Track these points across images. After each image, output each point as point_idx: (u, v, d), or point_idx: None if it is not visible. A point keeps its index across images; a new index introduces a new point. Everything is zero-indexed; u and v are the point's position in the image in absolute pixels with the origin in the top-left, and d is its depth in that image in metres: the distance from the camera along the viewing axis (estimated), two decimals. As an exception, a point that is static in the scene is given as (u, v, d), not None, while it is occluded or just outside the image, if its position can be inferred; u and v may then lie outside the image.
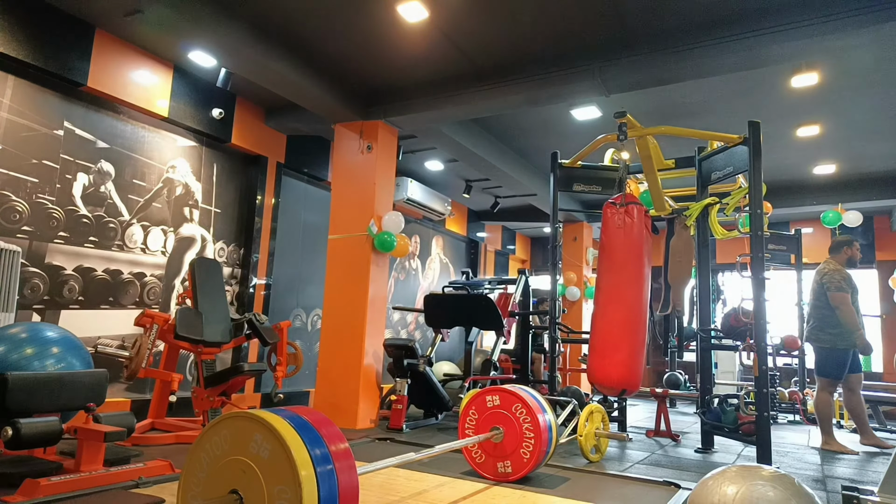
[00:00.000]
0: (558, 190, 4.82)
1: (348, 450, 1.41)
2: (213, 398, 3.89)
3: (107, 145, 4.41)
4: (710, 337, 4.49)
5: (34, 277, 3.93)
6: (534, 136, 6.14)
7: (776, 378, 6.19)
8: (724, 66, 3.98)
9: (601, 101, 4.86)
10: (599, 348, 4.10)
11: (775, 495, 1.70)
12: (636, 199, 4.29)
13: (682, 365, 7.81)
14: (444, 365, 6.53)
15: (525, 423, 2.94)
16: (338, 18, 3.96)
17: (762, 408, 3.58)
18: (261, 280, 5.59)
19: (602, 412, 3.91)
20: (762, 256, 3.74)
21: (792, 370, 7.36)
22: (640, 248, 4.10)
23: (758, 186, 3.81)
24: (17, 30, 3.76)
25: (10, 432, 2.45)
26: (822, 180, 7.20)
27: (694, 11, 3.74)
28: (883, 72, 4.45)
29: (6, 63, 3.78)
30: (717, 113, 5.29)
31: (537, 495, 2.73)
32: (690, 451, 4.30)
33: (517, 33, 4.04)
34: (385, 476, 2.94)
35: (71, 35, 4.05)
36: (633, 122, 4.23)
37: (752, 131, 3.85)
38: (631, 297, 4.06)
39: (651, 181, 4.69)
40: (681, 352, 5.98)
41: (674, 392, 6.09)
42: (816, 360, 4.69)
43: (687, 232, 4.76)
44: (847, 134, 5.74)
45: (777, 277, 7.02)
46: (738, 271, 4.10)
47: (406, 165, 7.00)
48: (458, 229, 8.92)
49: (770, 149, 6.05)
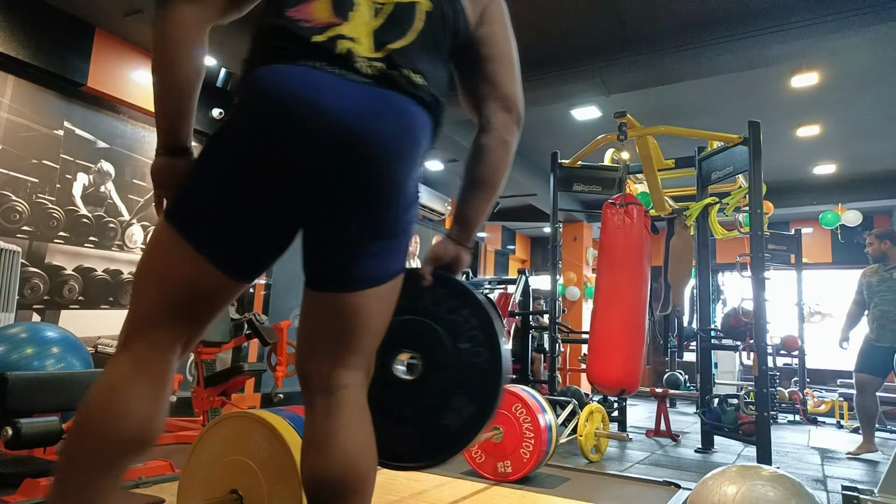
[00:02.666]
0: (558, 190, 4.82)
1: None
2: (213, 398, 3.89)
3: (107, 145, 4.41)
4: (710, 337, 4.49)
5: (34, 277, 3.93)
6: (534, 136, 6.13)
7: (776, 378, 6.19)
8: (724, 66, 3.98)
9: (601, 101, 4.85)
10: (599, 348, 4.10)
11: (775, 495, 1.70)
12: (636, 199, 4.29)
13: (682, 365, 7.80)
14: (444, 365, 6.51)
15: (525, 423, 2.94)
16: (338, 18, 3.96)
17: (762, 408, 3.57)
18: (261, 280, 5.59)
19: (602, 412, 3.91)
20: (762, 256, 3.74)
21: (792, 370, 7.36)
22: (640, 249, 4.10)
23: (758, 186, 3.81)
24: (17, 30, 3.76)
25: (10, 432, 2.45)
26: (822, 180, 7.20)
27: (694, 11, 3.74)
28: (883, 72, 4.45)
29: (6, 63, 3.78)
30: (717, 113, 5.29)
31: (537, 495, 2.73)
32: (690, 451, 4.29)
33: (517, 33, 4.02)
34: (385, 476, 2.93)
35: (71, 35, 4.05)
36: (633, 122, 4.23)
37: (752, 131, 3.85)
38: (631, 297, 4.06)
39: (651, 181, 4.69)
40: (681, 352, 5.97)
41: (674, 392, 6.09)
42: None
43: (687, 232, 4.76)
44: (847, 134, 5.74)
45: (777, 277, 7.02)
46: (738, 271, 4.10)
47: (406, 165, 7.00)
48: (458, 229, 8.91)
49: (770, 149, 6.05)
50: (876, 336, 4.31)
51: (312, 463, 1.02)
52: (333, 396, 1.04)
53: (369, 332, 1.07)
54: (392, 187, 1.01)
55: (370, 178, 0.99)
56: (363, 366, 1.08)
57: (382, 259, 1.06)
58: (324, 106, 0.94)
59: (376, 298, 1.06)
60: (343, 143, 0.96)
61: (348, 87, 0.97)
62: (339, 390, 1.04)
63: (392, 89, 1.01)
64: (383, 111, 0.99)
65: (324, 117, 0.94)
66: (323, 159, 0.97)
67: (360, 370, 1.08)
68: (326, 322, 1.06)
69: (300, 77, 0.95)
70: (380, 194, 1.01)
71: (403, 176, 1.02)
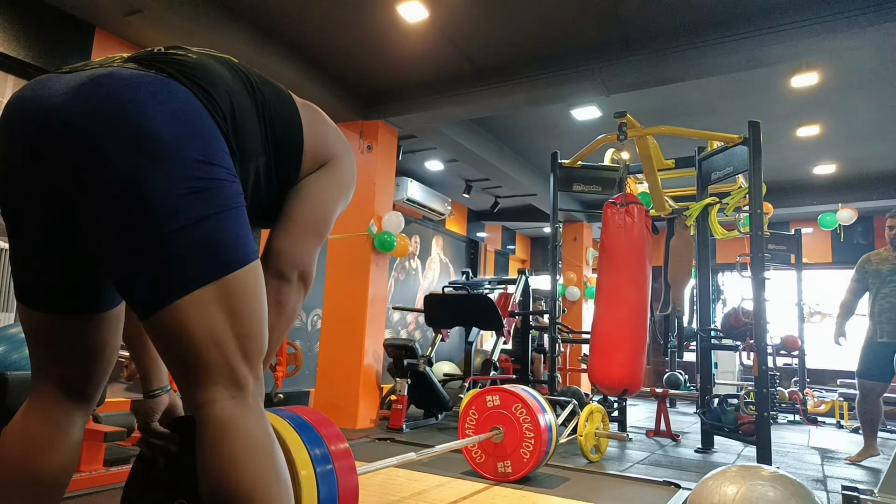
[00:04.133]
0: (558, 190, 4.82)
1: (348, 450, 1.40)
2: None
3: (107, 145, 4.40)
4: (710, 337, 4.49)
5: (34, 277, 3.93)
6: (534, 136, 6.13)
7: (776, 378, 6.19)
8: (724, 66, 3.98)
9: (601, 101, 4.85)
10: (600, 348, 4.10)
11: (775, 495, 1.70)
12: (636, 198, 4.29)
13: (682, 365, 7.81)
14: (444, 365, 6.53)
15: (525, 423, 2.94)
16: (338, 18, 3.96)
17: (762, 408, 3.57)
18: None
19: (602, 412, 3.91)
20: (762, 256, 3.74)
21: (792, 370, 7.36)
22: (641, 248, 4.10)
23: (758, 186, 3.81)
24: (17, 30, 3.76)
25: (10, 432, 2.44)
26: (822, 180, 7.19)
27: (694, 11, 3.74)
28: (883, 72, 4.45)
29: (6, 63, 3.77)
30: (717, 113, 5.29)
31: (537, 495, 2.73)
32: (690, 451, 4.29)
33: (517, 33, 4.04)
34: (385, 476, 2.94)
35: (71, 35, 4.05)
36: (633, 122, 4.23)
37: (752, 131, 3.85)
38: (631, 297, 4.06)
39: (651, 181, 4.70)
40: (681, 352, 5.97)
41: (674, 392, 6.09)
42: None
43: (687, 232, 4.76)
44: (847, 134, 5.74)
45: (777, 277, 7.02)
46: (738, 271, 4.10)
47: (406, 165, 7.00)
48: (458, 229, 8.92)
49: (770, 149, 6.05)
50: (880, 331, 3.92)
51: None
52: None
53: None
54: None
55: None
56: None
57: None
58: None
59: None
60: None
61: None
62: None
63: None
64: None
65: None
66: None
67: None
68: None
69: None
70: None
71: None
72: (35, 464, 1.01)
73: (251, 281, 0.97)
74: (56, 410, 1.05)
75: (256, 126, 1.08)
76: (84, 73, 0.94)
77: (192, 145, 0.92)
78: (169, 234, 0.88)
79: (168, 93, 0.93)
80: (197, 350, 0.90)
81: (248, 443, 0.89)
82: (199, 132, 0.94)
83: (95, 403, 1.12)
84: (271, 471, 0.91)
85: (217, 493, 0.87)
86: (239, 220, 0.97)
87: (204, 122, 0.95)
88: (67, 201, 0.92)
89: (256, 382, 0.96)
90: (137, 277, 0.90)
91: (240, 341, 0.94)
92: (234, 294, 0.94)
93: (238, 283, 0.95)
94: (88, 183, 0.89)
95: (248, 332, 0.95)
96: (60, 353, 1.04)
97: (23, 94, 0.96)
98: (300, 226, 1.16)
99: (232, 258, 0.94)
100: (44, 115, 0.91)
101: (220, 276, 0.92)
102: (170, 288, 0.89)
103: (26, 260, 1.01)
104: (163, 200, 0.88)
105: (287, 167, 1.16)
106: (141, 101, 0.90)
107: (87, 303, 1.03)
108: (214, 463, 0.87)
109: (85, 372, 1.06)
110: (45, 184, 0.93)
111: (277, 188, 1.16)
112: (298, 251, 1.17)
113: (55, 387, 1.05)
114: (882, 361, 3.89)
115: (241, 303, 0.94)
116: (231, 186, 0.96)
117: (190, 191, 0.90)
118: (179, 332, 0.90)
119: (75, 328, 1.03)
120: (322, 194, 1.21)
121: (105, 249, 0.91)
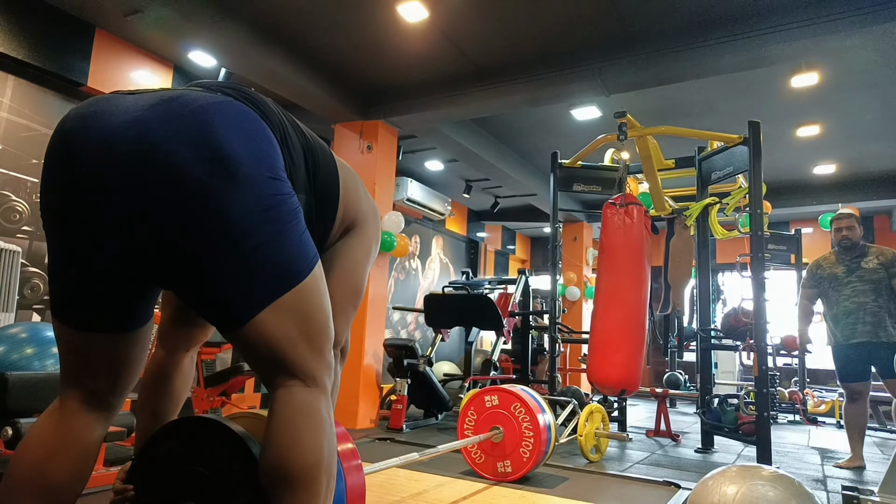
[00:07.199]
0: (558, 190, 4.82)
1: (355, 450, 1.40)
2: (213, 398, 3.89)
3: (107, 145, 4.40)
4: (710, 337, 4.49)
5: (34, 277, 3.93)
6: (534, 136, 6.13)
7: (776, 378, 6.19)
8: (724, 66, 3.98)
9: (601, 101, 4.85)
10: (599, 348, 4.10)
11: (775, 495, 1.70)
12: (636, 199, 4.29)
13: (682, 365, 7.81)
14: (444, 365, 6.53)
15: (524, 422, 2.94)
16: (338, 18, 3.96)
17: (762, 408, 3.57)
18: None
19: (602, 412, 3.91)
20: (762, 256, 3.74)
21: (792, 370, 7.35)
22: (641, 249, 4.10)
23: (758, 186, 3.81)
24: (17, 30, 3.76)
25: (10, 432, 2.44)
26: (822, 180, 7.19)
27: (694, 11, 3.74)
28: (883, 72, 4.45)
29: (6, 63, 3.78)
30: (717, 113, 5.29)
31: (537, 495, 2.73)
32: (690, 451, 4.29)
33: (517, 33, 4.04)
34: (385, 476, 2.93)
35: (71, 35, 4.05)
36: (633, 122, 4.23)
37: (752, 131, 3.85)
38: (631, 297, 4.06)
39: (651, 181, 4.69)
40: (681, 352, 5.97)
41: (674, 392, 6.09)
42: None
43: (687, 232, 4.76)
44: (847, 134, 5.74)
45: (777, 277, 7.02)
46: (738, 271, 4.10)
47: (406, 165, 7.00)
48: (458, 229, 8.92)
49: (770, 149, 6.05)
50: (849, 333, 3.82)
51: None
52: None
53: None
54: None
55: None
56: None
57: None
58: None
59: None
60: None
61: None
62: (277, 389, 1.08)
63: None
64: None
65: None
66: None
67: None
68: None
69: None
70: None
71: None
72: (49, 470, 1.04)
73: (318, 283, 1.08)
74: (77, 418, 1.08)
75: (303, 164, 1.16)
76: (152, 93, 0.99)
77: (262, 163, 0.99)
78: (251, 250, 0.96)
79: (238, 112, 1.00)
80: (276, 353, 1.01)
81: (315, 420, 1.02)
82: (267, 150, 1.01)
83: (117, 413, 1.15)
84: (328, 445, 1.04)
85: (280, 456, 0.98)
86: (301, 227, 1.05)
87: (270, 140, 1.03)
88: (133, 222, 0.94)
89: (328, 370, 1.08)
90: (222, 295, 0.97)
91: (312, 339, 1.05)
92: (304, 300, 1.04)
93: (308, 289, 1.05)
94: (164, 199, 0.92)
95: (318, 330, 1.06)
96: (90, 366, 1.09)
97: (83, 111, 0.97)
98: (338, 304, 1.25)
99: (302, 267, 1.04)
100: (111, 133, 0.93)
101: (294, 285, 1.02)
102: (252, 302, 0.98)
103: (70, 281, 1.03)
104: (242, 219, 0.95)
105: (324, 217, 1.24)
106: (215, 121, 0.96)
107: (123, 323, 1.08)
108: (283, 436, 0.99)
109: (111, 383, 1.11)
110: (109, 203, 0.94)
111: (316, 237, 1.22)
112: (339, 327, 1.24)
113: (81, 394, 1.10)
114: (859, 361, 3.84)
115: (311, 306, 1.05)
116: (292, 198, 1.05)
117: (264, 208, 0.97)
118: (261, 341, 1.00)
119: (106, 344, 1.07)
120: (355, 264, 1.31)
121: (179, 270, 0.97)
